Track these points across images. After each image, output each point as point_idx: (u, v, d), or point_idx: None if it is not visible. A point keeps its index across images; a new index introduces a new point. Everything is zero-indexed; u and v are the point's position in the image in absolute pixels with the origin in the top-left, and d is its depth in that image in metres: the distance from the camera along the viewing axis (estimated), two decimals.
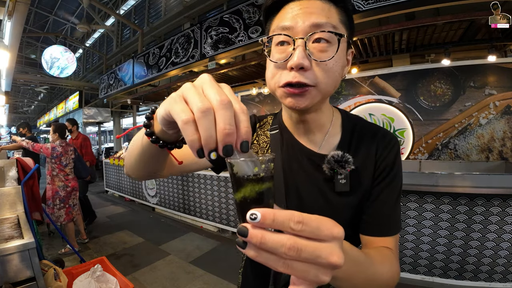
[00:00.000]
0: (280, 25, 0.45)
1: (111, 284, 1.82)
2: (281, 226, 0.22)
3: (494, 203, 1.88)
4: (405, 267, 2.15)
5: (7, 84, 4.58)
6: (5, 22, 2.75)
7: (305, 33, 0.43)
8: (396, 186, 0.52)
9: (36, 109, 19.45)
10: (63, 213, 2.77)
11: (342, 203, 0.50)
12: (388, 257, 0.45)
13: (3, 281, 1.13)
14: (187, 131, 0.24)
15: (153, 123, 0.37)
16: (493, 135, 3.33)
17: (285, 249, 0.21)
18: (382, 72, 3.96)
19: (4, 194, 1.66)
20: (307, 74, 0.43)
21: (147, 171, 0.49)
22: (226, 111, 0.24)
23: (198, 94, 0.25)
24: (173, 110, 0.26)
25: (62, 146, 2.77)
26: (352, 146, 0.52)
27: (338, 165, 0.48)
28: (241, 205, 0.26)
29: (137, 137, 0.46)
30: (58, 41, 8.38)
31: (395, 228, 0.50)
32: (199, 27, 4.15)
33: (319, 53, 0.43)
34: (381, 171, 0.51)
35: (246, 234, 0.22)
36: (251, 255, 0.23)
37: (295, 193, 0.53)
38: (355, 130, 0.54)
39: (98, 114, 8.68)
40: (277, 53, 0.46)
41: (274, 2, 0.47)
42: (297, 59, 0.41)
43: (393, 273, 0.43)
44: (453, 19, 2.64)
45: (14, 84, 7.89)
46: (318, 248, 0.22)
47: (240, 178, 0.25)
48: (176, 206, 4.00)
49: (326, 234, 0.23)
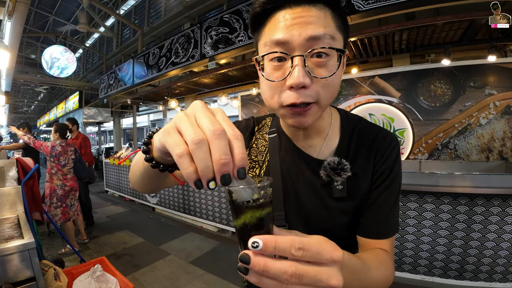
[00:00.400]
0: (273, 39, 0.41)
1: (111, 284, 1.82)
2: (283, 252, 0.23)
3: (494, 203, 1.88)
4: (405, 267, 2.15)
5: (7, 84, 4.58)
6: (5, 22, 2.75)
7: (302, 48, 0.40)
8: (395, 189, 0.52)
9: (36, 109, 19.45)
10: (59, 212, 2.76)
11: (340, 208, 0.50)
12: (383, 261, 0.45)
13: (3, 281, 1.13)
14: (183, 165, 0.24)
15: (151, 148, 0.37)
16: (493, 135, 3.33)
17: (287, 276, 0.22)
18: (382, 72, 3.96)
19: (4, 194, 1.66)
20: (308, 92, 0.41)
21: (151, 188, 0.51)
22: (220, 140, 0.24)
23: (191, 125, 0.25)
24: (167, 143, 0.26)
25: (62, 146, 2.79)
26: (350, 150, 0.52)
27: (334, 172, 0.48)
28: (242, 231, 0.26)
29: (137, 159, 0.46)
30: (58, 41, 8.38)
31: (393, 230, 0.50)
32: (199, 27, 4.15)
33: (318, 69, 0.41)
34: (380, 174, 0.50)
35: (248, 262, 0.23)
36: (253, 281, 0.23)
37: (294, 198, 0.53)
38: (355, 132, 0.53)
39: (98, 114, 8.68)
40: (272, 70, 0.42)
41: (263, 9, 0.43)
42: (296, 79, 0.39)
43: (387, 276, 0.44)
44: (453, 19, 2.65)
45: (14, 84, 7.89)
46: (319, 272, 0.23)
47: (239, 205, 0.25)
48: (176, 206, 4.00)
49: (327, 258, 0.24)
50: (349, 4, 2.71)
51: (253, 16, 0.45)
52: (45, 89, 13.01)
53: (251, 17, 0.46)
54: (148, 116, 15.43)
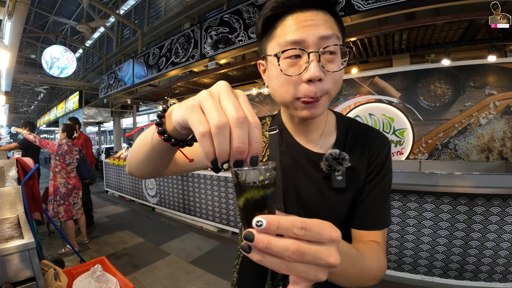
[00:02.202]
0: (290, 39, 0.45)
1: (111, 284, 1.82)
2: (285, 231, 0.24)
3: (494, 203, 1.88)
4: (405, 267, 2.15)
5: (7, 84, 4.58)
6: (5, 22, 2.75)
7: (316, 46, 0.44)
8: (386, 184, 0.55)
9: (36, 109, 19.45)
10: (62, 210, 2.80)
11: (338, 200, 0.53)
12: (376, 252, 0.48)
13: (3, 281, 1.13)
14: (204, 144, 0.25)
15: (164, 121, 0.38)
16: (493, 135, 3.33)
17: (289, 253, 0.23)
18: (382, 72, 3.96)
19: (4, 194, 1.66)
20: (322, 85, 0.45)
21: (153, 169, 0.50)
22: (241, 129, 0.25)
23: (216, 107, 0.26)
24: (191, 119, 0.27)
25: (68, 145, 2.87)
26: (347, 145, 0.56)
27: (336, 162, 0.51)
28: (246, 211, 0.27)
29: (145, 135, 0.46)
30: (58, 41, 8.37)
31: (385, 222, 0.54)
32: (199, 27, 4.15)
33: (329, 64, 0.46)
34: (373, 169, 0.54)
35: (252, 239, 0.24)
36: (256, 259, 0.24)
37: (294, 191, 0.55)
38: (349, 131, 0.58)
39: (98, 114, 8.68)
40: (288, 67, 0.46)
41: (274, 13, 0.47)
42: (314, 72, 0.43)
43: (380, 267, 0.47)
44: (453, 19, 2.65)
45: (14, 84, 7.89)
46: (319, 250, 0.24)
47: (246, 185, 0.27)
48: (176, 206, 4.00)
49: (326, 237, 0.25)
50: (349, 4, 2.71)
51: (264, 20, 0.49)
52: (45, 89, 13.01)
53: (263, 21, 0.49)
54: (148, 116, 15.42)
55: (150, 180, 4.44)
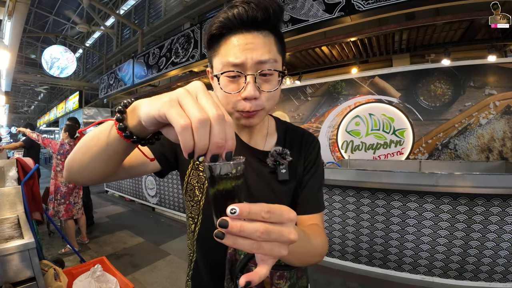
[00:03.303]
0: (230, 61, 0.50)
1: (111, 284, 1.82)
2: (255, 216, 0.27)
3: (494, 203, 1.88)
4: (405, 267, 2.15)
5: (7, 84, 4.58)
6: (5, 22, 2.75)
7: (253, 69, 0.50)
8: (319, 175, 0.66)
9: (36, 109, 19.45)
10: (62, 209, 2.81)
11: (284, 190, 0.62)
12: (318, 232, 0.57)
13: (3, 281, 1.13)
14: (185, 137, 0.26)
15: (126, 117, 0.36)
16: (493, 135, 3.33)
17: (259, 233, 0.27)
18: (382, 72, 3.96)
19: (4, 194, 1.66)
20: (257, 102, 0.52)
21: (101, 172, 0.45)
22: (220, 126, 0.27)
23: (196, 103, 0.28)
24: (170, 114, 0.27)
25: (70, 145, 2.90)
26: (286, 144, 0.65)
27: (280, 156, 0.61)
28: (219, 202, 0.30)
29: (97, 133, 0.41)
30: (58, 41, 8.38)
31: (321, 207, 0.64)
32: (199, 27, 4.15)
33: (264, 84, 0.52)
34: (308, 162, 0.65)
35: (226, 226, 0.27)
36: (229, 243, 0.27)
37: (245, 187, 0.61)
38: (287, 132, 0.68)
39: (98, 114, 8.69)
40: (228, 83, 0.52)
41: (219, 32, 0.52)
42: (249, 92, 0.49)
43: (323, 244, 0.55)
44: (453, 19, 2.65)
45: (14, 84, 7.90)
46: (281, 229, 0.28)
47: (220, 178, 0.29)
48: (176, 206, 4.00)
49: (286, 218, 0.29)
50: (349, 4, 2.71)
51: (210, 37, 0.53)
52: (45, 89, 13.01)
53: (208, 37, 0.54)
54: None
55: (150, 180, 4.44)
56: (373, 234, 2.23)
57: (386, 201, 2.16)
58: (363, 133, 4.11)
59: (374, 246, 2.23)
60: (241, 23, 0.49)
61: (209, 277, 0.63)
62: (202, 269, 0.65)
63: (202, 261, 0.65)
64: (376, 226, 2.21)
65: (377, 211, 2.19)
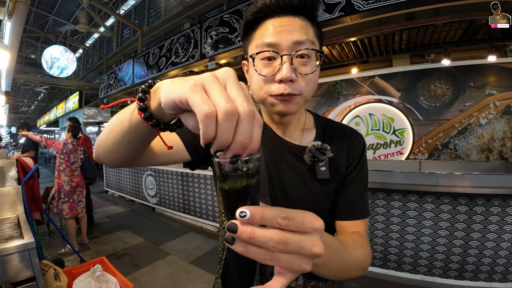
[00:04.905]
0: (265, 42, 0.48)
1: (111, 284, 1.82)
2: (269, 222, 0.24)
3: (494, 203, 1.88)
4: (405, 267, 2.15)
5: (7, 84, 4.58)
6: (5, 22, 2.75)
7: (289, 50, 0.47)
8: (363, 176, 0.58)
9: (36, 109, 19.45)
10: (66, 207, 2.83)
11: (322, 190, 0.55)
12: (360, 242, 0.49)
13: (3, 281, 1.13)
14: (207, 126, 0.23)
15: (149, 98, 0.33)
16: (493, 135, 3.33)
17: (273, 242, 0.23)
18: (382, 72, 3.96)
19: (4, 194, 1.66)
20: (294, 85, 0.48)
21: (125, 154, 0.44)
22: (249, 123, 0.23)
23: (223, 92, 0.24)
24: (193, 99, 0.23)
25: (73, 144, 2.92)
26: (326, 139, 0.59)
27: (319, 152, 0.54)
28: (229, 202, 0.26)
29: (123, 114, 0.40)
30: (58, 41, 8.38)
31: (365, 212, 0.56)
32: (199, 27, 4.16)
33: (302, 67, 0.49)
34: (352, 161, 0.58)
35: (235, 230, 0.23)
36: (239, 250, 0.24)
37: (279, 185, 0.57)
38: (327, 127, 0.62)
39: (98, 114, 8.69)
40: (263, 67, 0.49)
41: (255, 17, 0.50)
42: (285, 73, 0.46)
43: (365, 256, 0.47)
44: (453, 19, 2.65)
45: (14, 84, 7.90)
46: (302, 240, 0.24)
47: (228, 175, 0.25)
48: (176, 206, 4.00)
49: (309, 227, 0.25)
50: (349, 4, 2.71)
51: (245, 23, 0.52)
52: (45, 89, 13.01)
53: (244, 24, 0.52)
54: None
55: (150, 180, 4.44)
56: (373, 234, 2.23)
57: (386, 201, 2.16)
58: (363, 133, 4.09)
59: (374, 246, 2.23)
60: (277, 7, 0.48)
61: (239, 276, 0.60)
62: (232, 268, 0.62)
63: (232, 259, 0.62)
64: (376, 226, 2.21)
65: (377, 211, 2.19)
